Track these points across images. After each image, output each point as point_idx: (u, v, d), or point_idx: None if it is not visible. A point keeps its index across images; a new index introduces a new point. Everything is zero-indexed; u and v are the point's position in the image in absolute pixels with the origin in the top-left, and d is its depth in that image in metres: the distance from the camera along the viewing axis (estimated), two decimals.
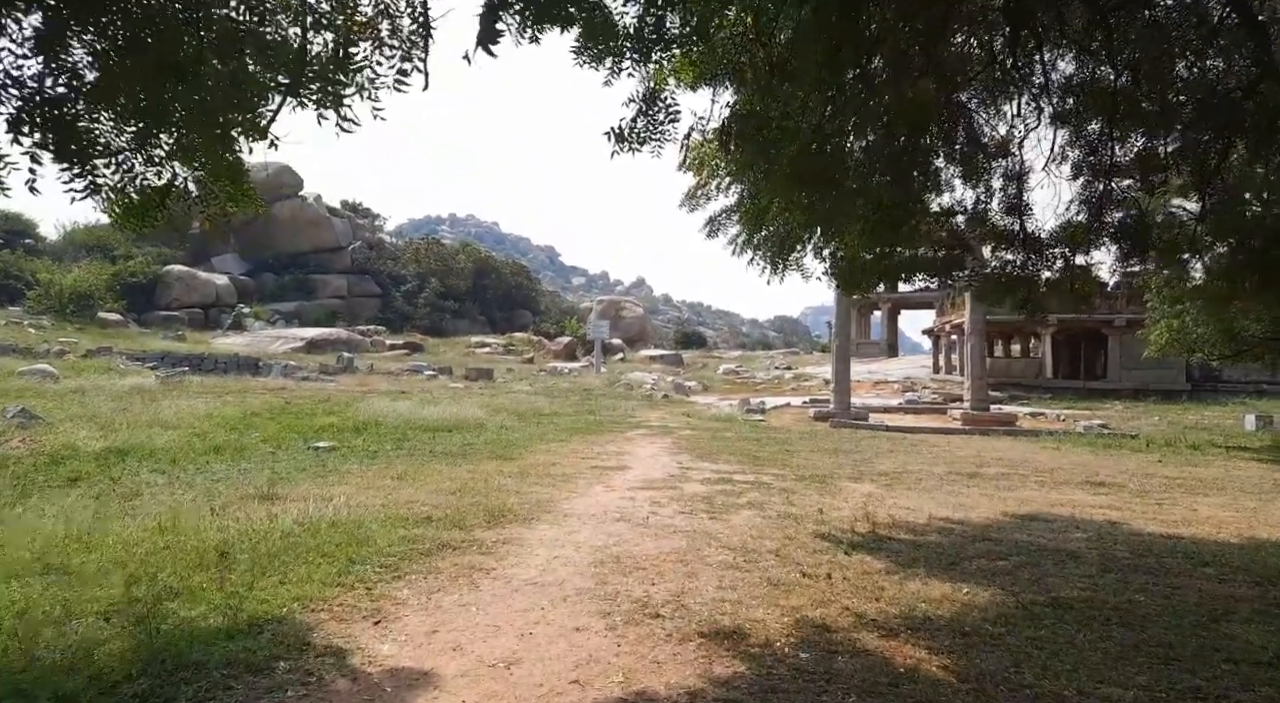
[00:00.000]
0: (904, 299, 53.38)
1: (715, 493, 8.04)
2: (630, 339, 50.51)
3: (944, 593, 4.59)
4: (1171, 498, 8.63)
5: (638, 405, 22.30)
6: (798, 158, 4.15)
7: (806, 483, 9.05)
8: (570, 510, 6.92)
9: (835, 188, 4.39)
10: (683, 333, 65.69)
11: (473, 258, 59.37)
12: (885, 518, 6.88)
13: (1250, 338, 15.73)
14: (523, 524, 6.29)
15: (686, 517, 6.75)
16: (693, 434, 15.01)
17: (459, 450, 10.95)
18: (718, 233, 7.27)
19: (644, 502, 7.45)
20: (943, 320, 34.30)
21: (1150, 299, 16.47)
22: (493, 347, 42.49)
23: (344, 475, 8.42)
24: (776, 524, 6.51)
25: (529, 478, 8.65)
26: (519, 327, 52.80)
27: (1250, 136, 5.87)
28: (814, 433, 16.48)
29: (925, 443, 15.20)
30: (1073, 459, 12.85)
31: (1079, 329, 30.24)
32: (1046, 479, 10.18)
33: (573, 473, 9.22)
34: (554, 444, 12.32)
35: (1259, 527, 6.93)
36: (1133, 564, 5.37)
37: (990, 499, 8.30)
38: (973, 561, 5.44)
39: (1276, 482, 10.26)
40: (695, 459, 11.09)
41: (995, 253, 7.17)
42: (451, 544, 5.48)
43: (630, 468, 9.96)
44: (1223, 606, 4.34)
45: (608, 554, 5.37)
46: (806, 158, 4.19)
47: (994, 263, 7.06)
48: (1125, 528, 6.77)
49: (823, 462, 11.31)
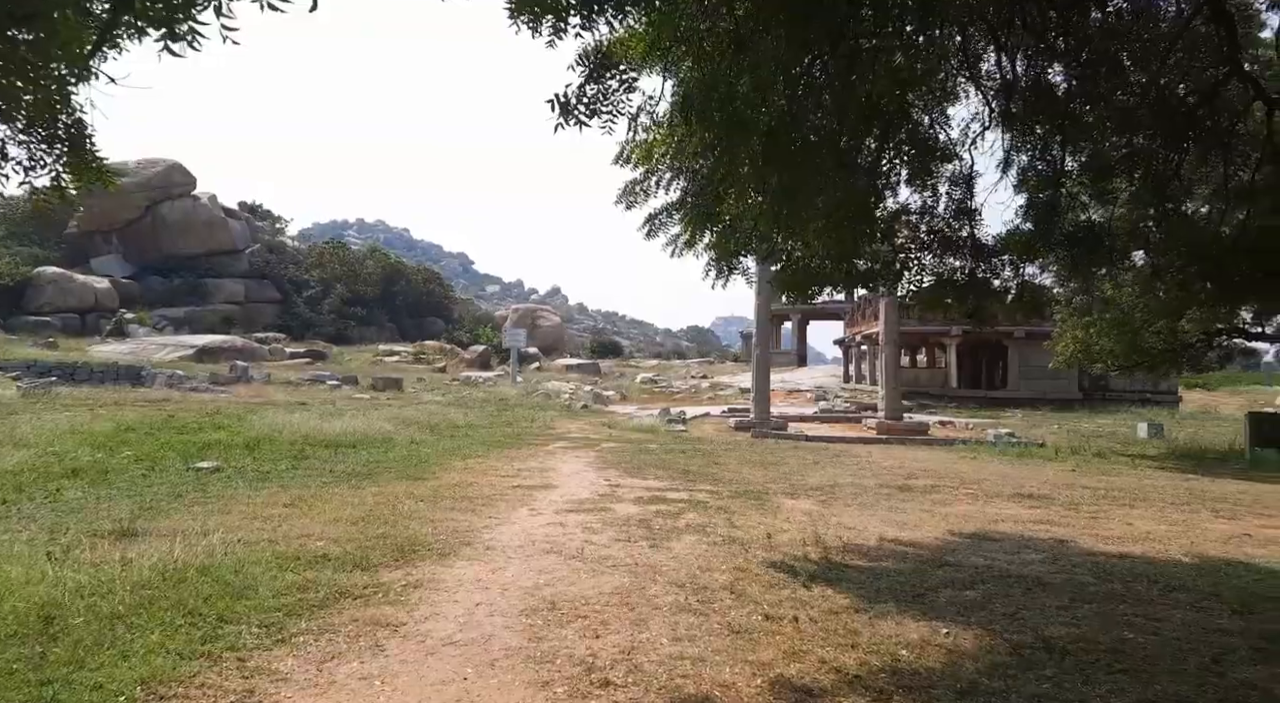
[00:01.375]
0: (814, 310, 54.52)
1: (651, 515, 7.40)
2: (546, 348, 49.49)
3: (923, 635, 4.09)
4: (1104, 511, 8.55)
5: (557, 415, 21.47)
6: (771, 137, 3.58)
7: (743, 500, 8.53)
8: (493, 541, 6.13)
9: (812, 174, 3.85)
10: (599, 342, 65.06)
11: (381, 263, 57.01)
12: (835, 541, 6.41)
13: (1149, 350, 16.35)
14: (438, 561, 5.47)
15: (625, 545, 6.08)
16: (617, 447, 14.35)
17: (364, 469, 9.93)
18: (657, 232, 6.66)
19: (575, 528, 6.73)
20: (854, 331, 34.94)
21: (1060, 312, 16.91)
22: (402, 355, 40.67)
23: (227, 503, 7.33)
24: (724, 552, 5.92)
25: (444, 502, 7.78)
26: (430, 335, 50.90)
27: (1204, 143, 5.74)
28: (738, 444, 16.10)
29: (847, 453, 15.04)
30: (993, 469, 12.89)
31: (981, 341, 31.29)
32: (977, 492, 10.03)
33: (493, 494, 8.39)
34: (470, 460, 11.42)
35: (1199, 542, 6.82)
36: (1102, 591, 5.04)
37: (931, 516, 7.98)
38: (939, 591, 4.99)
39: (1190, 491, 10.44)
40: (624, 475, 10.43)
41: (944, 260, 6.85)
42: (352, 591, 4.62)
43: (555, 486, 9.21)
44: (1216, 643, 4.00)
45: (540, 598, 4.63)
46: (782, 137, 3.63)
47: (943, 270, 6.73)
48: (1075, 547, 6.53)
49: (754, 475, 10.86)
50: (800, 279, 6.06)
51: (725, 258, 5.89)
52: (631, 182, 6.69)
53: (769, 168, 3.80)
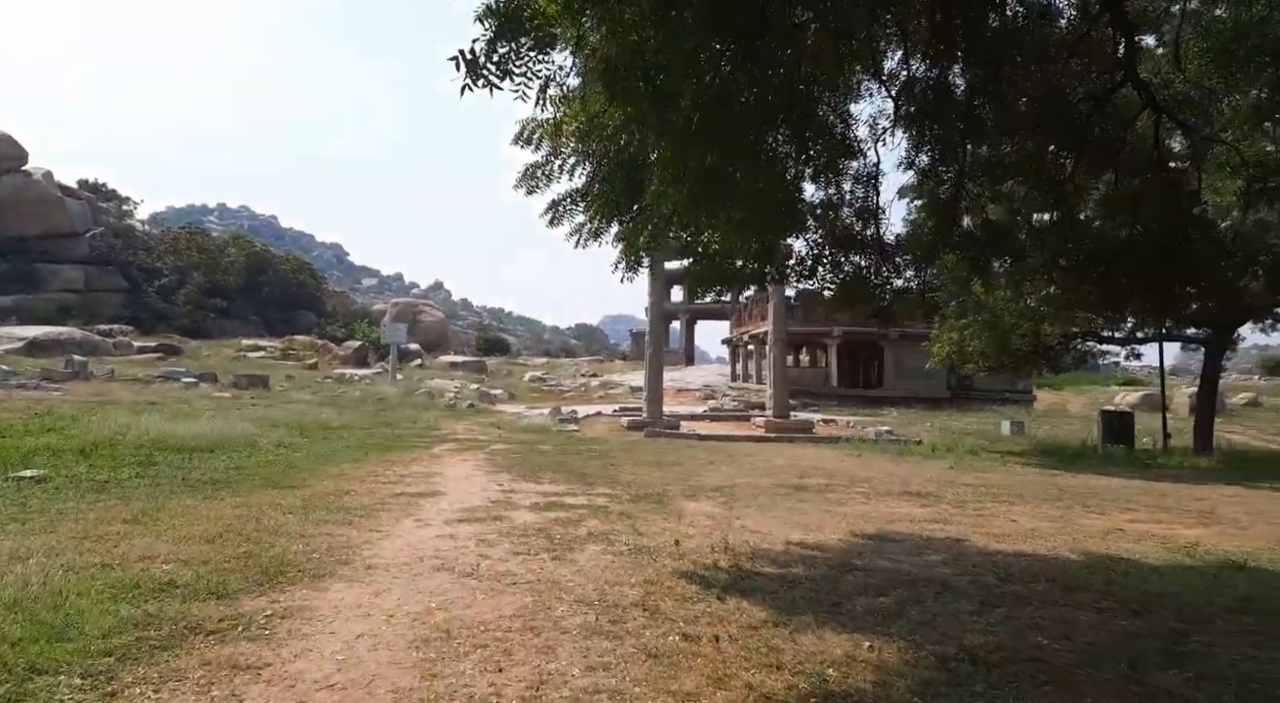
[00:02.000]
0: (701, 310, 55.52)
1: (550, 523, 6.95)
2: (429, 345, 47.68)
3: (847, 651, 3.88)
4: (988, 509, 8.82)
5: (441, 416, 20.54)
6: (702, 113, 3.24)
7: (644, 504, 8.23)
8: (375, 559, 5.51)
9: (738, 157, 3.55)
10: (484, 339, 63.52)
11: (245, 251, 53.24)
12: (742, 547, 6.20)
13: (1016, 352, 17.38)
14: (311, 584, 4.81)
15: (524, 559, 5.61)
16: (507, 448, 13.75)
17: (223, 477, 8.92)
18: (561, 220, 6.22)
19: (468, 540, 6.19)
20: (741, 330, 35.60)
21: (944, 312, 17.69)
22: (269, 351, 38.01)
23: (52, 520, 6.30)
24: (631, 562, 5.56)
25: (317, 513, 7.02)
26: (301, 329, 47.89)
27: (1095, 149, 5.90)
28: (632, 444, 15.86)
29: (740, 452, 15.11)
30: (880, 467, 13.23)
31: (859, 341, 32.63)
32: (868, 490, 10.18)
33: (373, 504, 7.68)
34: (346, 466, 10.54)
35: (1080, 538, 7.06)
36: (1007, 593, 5.04)
37: (831, 516, 7.96)
38: (854, 599, 4.83)
39: (1059, 487, 11.01)
40: (517, 479, 9.91)
41: (850, 258, 6.79)
42: (204, 626, 3.94)
43: (443, 493, 8.58)
44: (1127, 647, 4.00)
45: (432, 625, 4.11)
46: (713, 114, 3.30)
47: (851, 269, 6.66)
48: (971, 546, 6.61)
49: (651, 477, 10.60)
50: (713, 274, 5.79)
51: (636, 250, 5.52)
52: (533, 165, 6.23)
53: (697, 149, 3.46)
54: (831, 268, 6.10)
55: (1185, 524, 8.01)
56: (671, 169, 3.77)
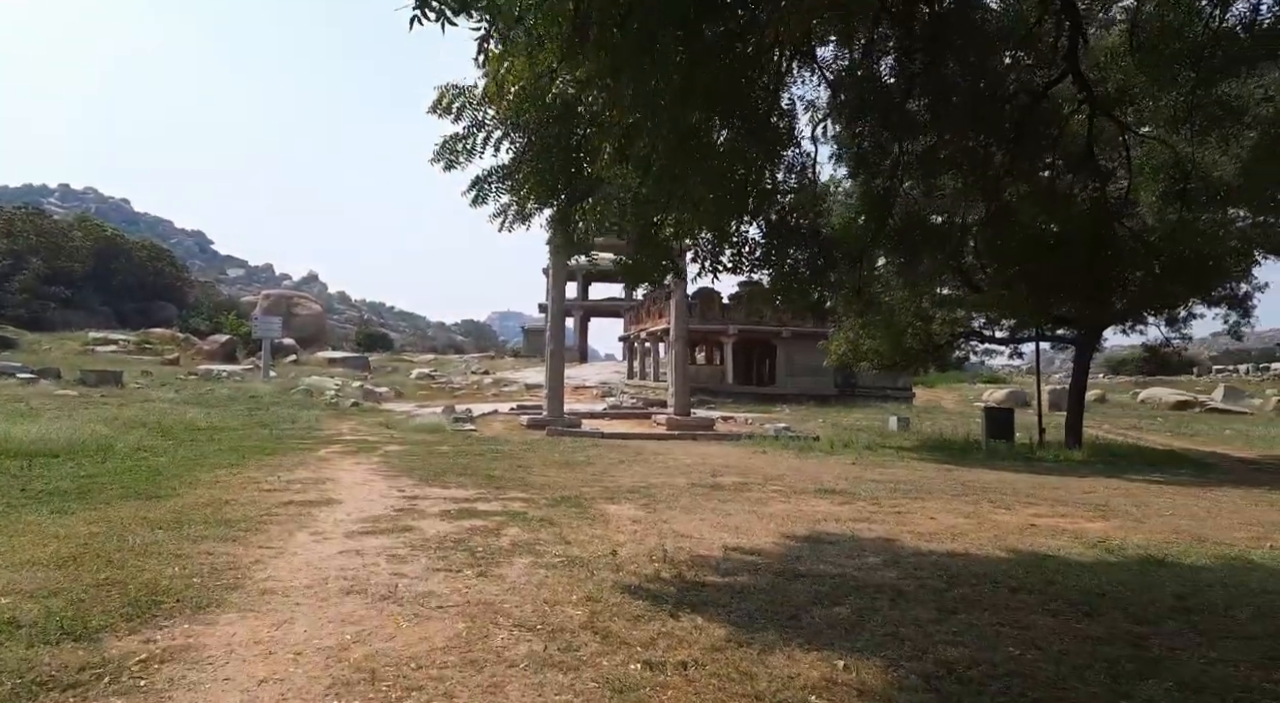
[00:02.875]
0: (595, 307, 55.25)
1: (466, 533, 6.34)
2: (305, 340, 44.85)
3: (824, 673, 3.56)
4: (904, 506, 8.86)
5: (323, 415, 19.16)
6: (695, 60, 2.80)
7: (564, 509, 7.72)
8: (270, 581, 4.76)
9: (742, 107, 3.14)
10: (366, 334, 60.64)
11: (94, 236, 48.38)
12: (680, 554, 5.84)
13: (909, 350, 17.99)
14: (195, 617, 4.05)
15: (447, 576, 5.00)
16: (403, 450, 12.85)
17: (73, 487, 7.72)
18: (485, 199, 5.64)
19: (377, 555, 5.50)
20: (639, 327, 35.48)
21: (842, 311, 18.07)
22: (122, 345, 34.61)
23: None
24: (566, 577, 5.07)
25: (193, 527, 6.11)
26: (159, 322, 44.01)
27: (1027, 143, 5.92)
28: (535, 443, 15.24)
29: (647, 450, 14.81)
30: (787, 464, 13.25)
31: (753, 340, 33.22)
32: (783, 488, 10.09)
33: (259, 515, 6.80)
34: (222, 471, 9.43)
35: (1001, 535, 7.13)
36: (958, 597, 4.90)
37: (758, 518, 7.74)
38: (810, 610, 4.55)
39: (959, 482, 11.31)
40: (419, 484, 9.15)
41: (787, 251, 6.56)
42: (60, 678, 3.16)
43: (339, 501, 7.75)
44: (1096, 655, 3.90)
45: (352, 664, 3.48)
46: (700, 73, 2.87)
47: (789, 262, 6.43)
48: (904, 547, 6.50)
49: (564, 479, 10.09)
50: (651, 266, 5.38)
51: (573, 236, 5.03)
52: (453, 137, 5.62)
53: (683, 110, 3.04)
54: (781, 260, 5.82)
55: (1086, 518, 8.31)
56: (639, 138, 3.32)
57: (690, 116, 3.17)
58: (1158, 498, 9.98)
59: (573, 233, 5.13)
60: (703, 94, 3.02)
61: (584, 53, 2.88)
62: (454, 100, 5.47)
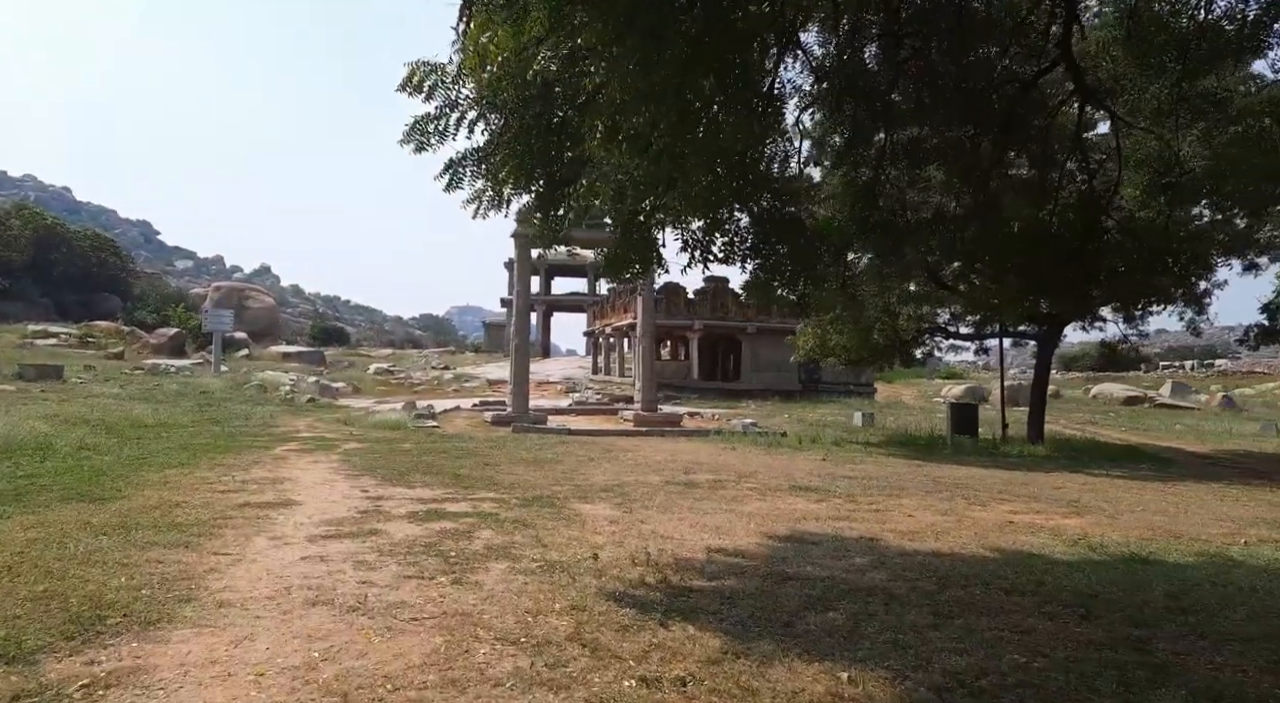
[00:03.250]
0: (557, 302, 54.83)
1: (437, 536, 6.03)
2: (258, 333, 43.59)
3: (828, 687, 3.37)
4: (880, 503, 8.77)
5: (278, 411, 18.51)
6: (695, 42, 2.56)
7: (537, 509, 7.45)
8: (227, 592, 4.40)
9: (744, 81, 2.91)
10: (321, 328, 59.30)
11: (33, 224, 46.37)
12: (662, 557, 5.61)
13: (876, 346, 18.04)
14: (144, 634, 3.69)
15: (419, 585, 4.69)
16: (364, 448, 12.40)
17: (10, 489, 7.23)
18: (460, 184, 5.33)
19: (342, 561, 5.17)
20: (603, 323, 35.18)
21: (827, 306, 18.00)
22: (63, 338, 33.18)
23: None
24: (547, 583, 4.80)
25: (141, 532, 5.70)
26: (103, 314, 42.32)
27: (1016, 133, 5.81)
28: (500, 440, 14.88)
29: (616, 447, 14.55)
30: (758, 461, 13.12)
31: (718, 335, 33.18)
32: (758, 485, 9.94)
33: (213, 518, 6.39)
34: (172, 471, 8.94)
35: (982, 533, 7.05)
36: (952, 600, 4.76)
37: (736, 516, 7.56)
38: (804, 616, 4.37)
39: (931, 478, 11.30)
40: (383, 483, 8.78)
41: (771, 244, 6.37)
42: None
43: (298, 503, 7.36)
44: (1102, 661, 3.77)
45: (321, 686, 3.18)
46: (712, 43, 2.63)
47: (773, 255, 6.23)
48: (888, 547, 6.37)
49: (533, 477, 9.80)
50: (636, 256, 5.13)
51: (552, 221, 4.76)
52: (424, 117, 5.28)
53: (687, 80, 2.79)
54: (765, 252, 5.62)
55: (1061, 514, 8.31)
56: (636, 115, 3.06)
57: (698, 87, 2.93)
58: (1125, 494, 10.07)
59: (551, 221, 4.85)
60: (707, 65, 2.78)
61: (584, 15, 2.61)
62: (425, 77, 5.14)
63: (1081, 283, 6.92)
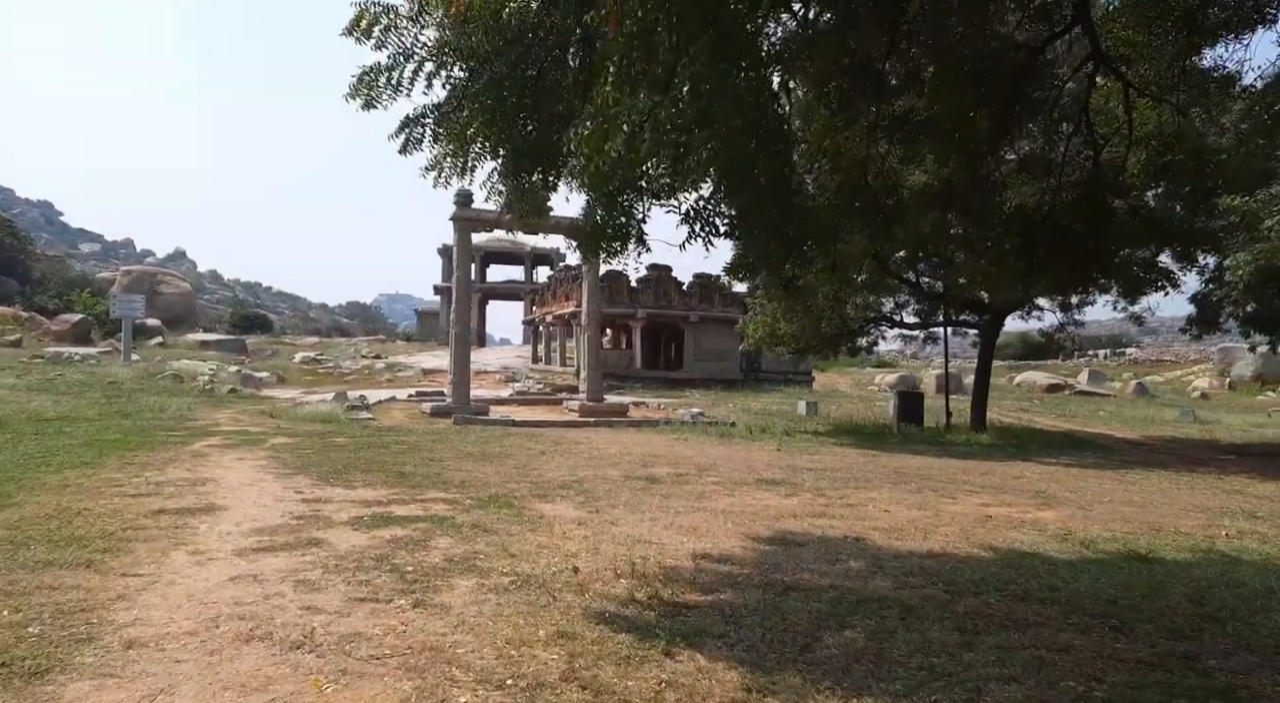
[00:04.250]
0: (493, 289, 53.59)
1: (389, 547, 5.32)
2: (173, 320, 40.93)
3: None
4: (850, 497, 8.43)
5: (196, 403, 17.16)
6: None
7: (494, 511, 6.80)
8: (138, 627, 3.64)
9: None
10: (242, 315, 56.38)
11: None
12: (645, 566, 5.07)
13: (824, 334, 17.90)
14: (27, 689, 2.94)
15: (375, 609, 4.01)
16: (294, 442, 11.44)
17: None
18: (418, 145, 4.63)
19: (280, 581, 4.44)
20: (544, 311, 34.34)
21: (759, 296, 17.71)
22: None
23: None
24: (524, 604, 4.19)
25: (31, 549, 4.83)
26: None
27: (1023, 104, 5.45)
28: (442, 433, 14.05)
29: (566, 439, 13.94)
30: (714, 453, 12.72)
31: (661, 324, 32.77)
32: (721, 479, 9.52)
33: (121, 528, 5.53)
34: (73, 472, 7.91)
35: (968, 530, 6.74)
36: (971, 613, 4.35)
37: (710, 515, 7.08)
38: (820, 638, 3.88)
39: (892, 469, 11.08)
40: (319, 483, 7.96)
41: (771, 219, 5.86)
42: None
43: (223, 507, 6.52)
44: (1159, 685, 3.42)
45: None
46: None
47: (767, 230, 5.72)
48: (880, 549, 5.94)
49: (484, 474, 9.11)
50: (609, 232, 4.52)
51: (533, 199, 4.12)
52: (374, 68, 4.56)
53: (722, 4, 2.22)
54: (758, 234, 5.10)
55: (1034, 507, 8.13)
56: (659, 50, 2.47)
57: (736, 5, 2.38)
58: (1085, 483, 10.04)
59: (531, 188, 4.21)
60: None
61: None
62: (376, 20, 4.42)
63: (1086, 264, 6.69)
